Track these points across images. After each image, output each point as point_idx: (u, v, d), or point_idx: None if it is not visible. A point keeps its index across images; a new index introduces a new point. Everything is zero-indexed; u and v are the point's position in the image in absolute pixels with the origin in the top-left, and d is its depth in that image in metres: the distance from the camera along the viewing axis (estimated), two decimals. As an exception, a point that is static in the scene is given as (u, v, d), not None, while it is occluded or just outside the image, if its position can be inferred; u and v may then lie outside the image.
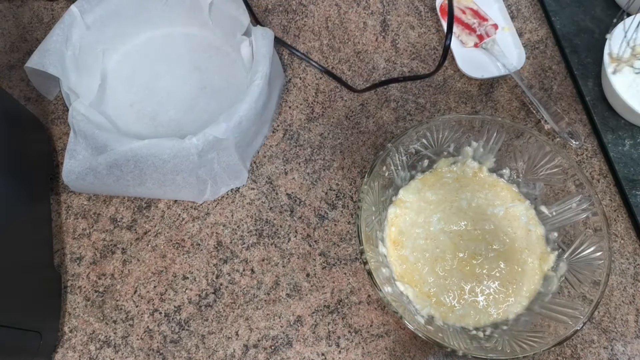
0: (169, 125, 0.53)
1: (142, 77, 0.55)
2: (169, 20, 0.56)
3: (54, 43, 0.48)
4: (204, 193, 0.49)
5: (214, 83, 0.54)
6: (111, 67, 0.56)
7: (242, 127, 0.45)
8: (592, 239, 0.42)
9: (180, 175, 0.46)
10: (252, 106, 0.46)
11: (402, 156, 0.46)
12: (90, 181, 0.46)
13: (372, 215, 0.44)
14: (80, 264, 0.48)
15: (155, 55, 0.56)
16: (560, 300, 0.42)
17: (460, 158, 0.49)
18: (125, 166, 0.44)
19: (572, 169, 0.43)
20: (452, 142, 0.47)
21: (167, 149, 0.44)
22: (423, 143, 0.47)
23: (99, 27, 0.52)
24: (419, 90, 0.56)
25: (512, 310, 0.43)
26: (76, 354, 0.45)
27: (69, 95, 0.48)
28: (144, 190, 0.48)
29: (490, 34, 0.57)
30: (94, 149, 0.45)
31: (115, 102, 0.54)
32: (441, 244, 0.46)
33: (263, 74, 0.47)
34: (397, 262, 0.45)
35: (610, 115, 0.53)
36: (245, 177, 0.51)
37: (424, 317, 0.43)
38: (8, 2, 0.60)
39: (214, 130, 0.44)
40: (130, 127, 0.52)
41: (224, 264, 0.48)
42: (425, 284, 0.44)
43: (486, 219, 0.47)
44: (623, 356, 0.46)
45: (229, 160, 0.47)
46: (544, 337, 0.39)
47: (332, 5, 0.61)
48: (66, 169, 0.45)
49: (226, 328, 0.46)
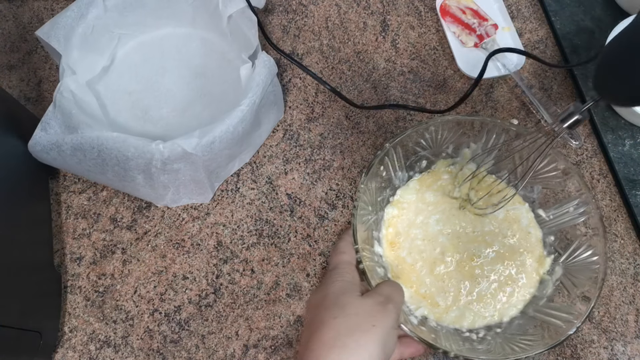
0: (157, 123, 0.52)
1: (150, 69, 0.56)
2: (191, 21, 0.56)
3: (66, 18, 0.49)
4: (163, 199, 0.49)
5: (214, 93, 0.54)
6: (123, 53, 0.56)
7: (213, 147, 0.44)
8: (588, 243, 0.42)
9: (142, 175, 0.45)
10: (230, 130, 0.44)
11: (400, 156, 0.46)
12: (54, 156, 0.45)
13: (369, 215, 0.44)
14: (80, 264, 0.48)
15: (168, 52, 0.57)
16: (555, 304, 0.42)
17: (459, 159, 0.48)
18: (88, 152, 0.43)
19: (570, 173, 0.43)
20: (450, 144, 0.47)
21: (132, 147, 0.43)
22: (421, 144, 0.46)
23: (120, 12, 0.53)
24: (419, 90, 0.56)
25: (508, 313, 0.43)
26: (76, 354, 0.45)
27: (65, 70, 0.48)
28: (104, 179, 0.47)
29: (490, 34, 0.57)
30: (67, 127, 0.45)
31: (116, 86, 0.54)
32: (440, 245, 0.45)
33: (251, 102, 0.45)
34: (394, 262, 0.45)
35: (610, 115, 0.53)
36: (210, 197, 0.50)
37: (417, 318, 0.42)
38: (8, 2, 0.60)
39: (184, 142, 0.43)
40: (120, 114, 0.53)
41: (224, 264, 0.48)
42: (422, 286, 0.44)
43: (486, 220, 0.46)
44: (623, 356, 0.46)
45: (194, 175, 0.46)
46: (536, 340, 0.39)
47: (332, 5, 0.61)
48: (34, 139, 0.45)
49: (226, 328, 0.46)
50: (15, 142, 0.45)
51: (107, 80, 0.54)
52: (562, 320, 0.39)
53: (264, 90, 0.47)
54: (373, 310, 0.34)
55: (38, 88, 0.56)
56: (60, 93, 0.46)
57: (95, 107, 0.50)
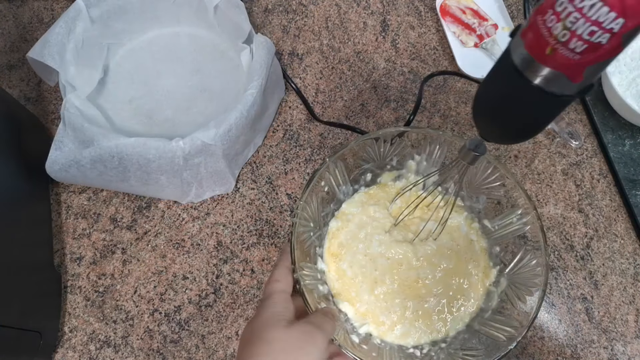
0: (164, 124, 0.53)
1: (144, 74, 0.55)
2: (176, 19, 0.56)
3: (56, 35, 0.48)
4: (188, 195, 0.49)
5: (213, 87, 0.54)
6: (115, 62, 0.56)
7: (231, 135, 0.45)
8: (531, 254, 0.41)
9: (165, 175, 0.45)
10: (244, 115, 0.45)
11: (342, 170, 0.44)
12: (73, 174, 0.46)
13: (311, 231, 0.42)
14: (80, 264, 0.48)
15: (159, 54, 0.56)
16: (499, 317, 0.41)
17: (404, 172, 0.47)
18: (109, 162, 0.44)
19: (511, 183, 0.42)
20: (394, 156, 0.46)
21: (153, 149, 0.43)
22: (364, 157, 0.45)
23: (105, 22, 0.52)
24: (419, 90, 0.56)
25: (454, 327, 0.42)
26: (76, 354, 0.45)
27: (66, 87, 0.48)
28: (126, 186, 0.47)
29: (490, 34, 0.57)
30: (81, 142, 0.45)
31: (114, 97, 0.54)
32: (380, 267, 0.44)
33: (258, 84, 0.46)
34: (335, 276, 0.44)
35: (610, 115, 0.53)
36: (232, 185, 0.50)
37: (360, 336, 0.41)
38: (8, 2, 0.60)
39: (203, 135, 0.44)
40: (125, 123, 0.53)
41: (224, 264, 0.48)
42: (363, 303, 0.42)
43: (427, 240, 0.45)
44: (623, 356, 0.46)
45: (215, 166, 0.47)
46: (478, 355, 0.38)
47: (332, 5, 0.61)
48: (50, 159, 0.45)
49: (226, 328, 0.46)
50: (15, 142, 0.45)
51: (105, 92, 0.54)
52: (504, 334, 0.39)
53: (267, 70, 0.48)
54: (300, 341, 0.33)
55: (38, 88, 0.56)
56: (67, 110, 0.46)
57: (102, 120, 0.50)
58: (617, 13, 0.20)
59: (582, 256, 0.49)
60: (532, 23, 0.24)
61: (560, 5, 0.22)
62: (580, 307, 0.47)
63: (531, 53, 0.25)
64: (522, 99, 0.27)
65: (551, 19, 0.23)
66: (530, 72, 0.25)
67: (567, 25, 0.22)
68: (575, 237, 0.50)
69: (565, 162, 0.53)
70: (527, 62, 0.25)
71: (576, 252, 0.49)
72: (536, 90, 0.26)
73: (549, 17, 0.23)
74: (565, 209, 0.51)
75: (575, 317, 0.47)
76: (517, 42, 0.26)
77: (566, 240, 0.50)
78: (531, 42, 0.24)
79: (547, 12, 0.23)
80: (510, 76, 0.26)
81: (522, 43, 0.25)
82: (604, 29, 0.21)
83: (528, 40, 0.25)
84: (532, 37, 0.24)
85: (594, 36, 0.21)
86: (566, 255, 0.49)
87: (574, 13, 0.21)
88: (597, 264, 0.49)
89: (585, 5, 0.21)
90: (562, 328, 0.46)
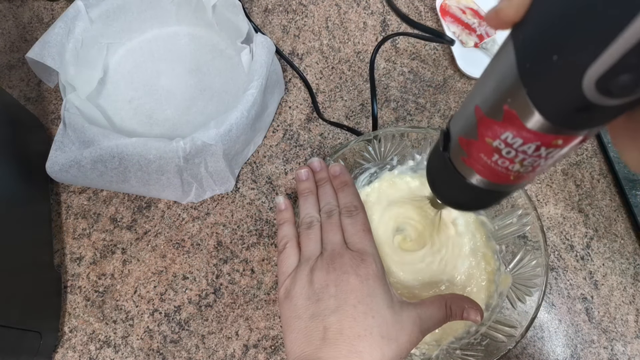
0: (164, 124, 0.53)
1: (144, 74, 0.55)
2: (175, 19, 0.56)
3: (55, 35, 0.48)
4: (188, 195, 0.49)
5: (213, 86, 0.54)
6: (115, 62, 0.56)
7: (231, 134, 0.45)
8: (531, 254, 0.41)
9: (165, 175, 0.45)
10: (244, 115, 0.45)
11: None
12: (74, 174, 0.46)
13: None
14: (80, 264, 0.48)
15: (159, 53, 0.56)
16: (499, 317, 0.41)
17: (404, 171, 0.47)
18: (109, 162, 0.44)
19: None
20: (395, 155, 0.46)
21: (154, 149, 0.43)
22: (365, 156, 0.45)
23: (104, 22, 0.52)
24: (419, 90, 0.56)
25: (453, 327, 0.42)
26: (76, 354, 0.45)
27: (66, 87, 0.48)
28: (127, 187, 0.47)
29: (490, 34, 0.57)
30: (82, 143, 0.45)
31: (114, 97, 0.54)
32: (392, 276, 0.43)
33: (258, 84, 0.46)
34: None
35: (610, 115, 0.53)
36: (232, 184, 0.50)
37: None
38: (8, 2, 0.60)
39: (203, 135, 0.43)
40: (125, 123, 0.53)
41: (224, 264, 0.48)
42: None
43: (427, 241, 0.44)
44: (623, 356, 0.46)
45: (216, 166, 0.47)
46: (477, 355, 0.38)
47: (332, 5, 0.61)
48: (50, 160, 0.45)
49: (226, 328, 0.46)
50: (15, 142, 0.45)
51: (105, 92, 0.54)
52: (504, 334, 0.39)
53: (268, 69, 0.48)
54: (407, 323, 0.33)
55: (38, 88, 0.56)
56: (67, 110, 0.46)
57: (102, 120, 0.50)
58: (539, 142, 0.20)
59: (582, 256, 0.49)
60: (477, 159, 0.23)
61: (509, 154, 0.21)
62: (580, 307, 0.47)
63: (489, 180, 0.24)
64: (460, 188, 0.26)
65: (503, 161, 0.22)
66: (470, 177, 0.25)
67: (525, 165, 0.22)
68: (575, 237, 0.50)
69: (565, 161, 0.53)
70: (471, 174, 0.24)
71: (576, 252, 0.49)
72: (473, 187, 0.25)
73: (500, 160, 0.22)
74: (565, 209, 0.51)
75: (575, 317, 0.47)
76: (458, 159, 0.25)
77: (566, 240, 0.50)
78: (488, 175, 0.24)
79: (494, 155, 0.22)
80: (448, 170, 0.26)
81: (470, 170, 0.24)
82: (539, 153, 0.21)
83: (481, 172, 0.24)
84: (489, 174, 0.23)
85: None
86: (566, 255, 0.49)
87: (523, 156, 0.21)
88: (597, 264, 0.49)
89: (525, 149, 0.21)
90: (562, 328, 0.47)
